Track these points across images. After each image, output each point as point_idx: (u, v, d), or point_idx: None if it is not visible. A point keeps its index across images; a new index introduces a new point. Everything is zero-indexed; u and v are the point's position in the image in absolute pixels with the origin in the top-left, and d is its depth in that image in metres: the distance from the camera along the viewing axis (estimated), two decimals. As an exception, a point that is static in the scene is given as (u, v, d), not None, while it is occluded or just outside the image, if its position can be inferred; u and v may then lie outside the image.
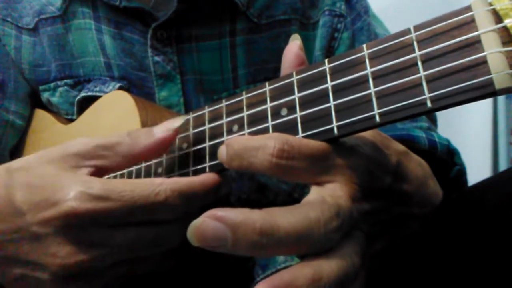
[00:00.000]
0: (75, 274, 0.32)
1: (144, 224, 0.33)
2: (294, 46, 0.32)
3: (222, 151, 0.29)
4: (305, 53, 0.59)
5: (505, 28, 0.21)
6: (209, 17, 0.56)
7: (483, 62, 0.21)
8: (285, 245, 0.23)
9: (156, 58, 0.56)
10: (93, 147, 0.34)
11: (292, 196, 0.58)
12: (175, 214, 0.34)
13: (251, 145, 0.27)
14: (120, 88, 0.57)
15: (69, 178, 0.32)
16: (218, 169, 0.34)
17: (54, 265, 0.32)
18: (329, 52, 0.60)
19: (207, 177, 0.34)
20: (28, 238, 0.32)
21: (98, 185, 0.31)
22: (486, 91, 0.21)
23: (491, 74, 0.21)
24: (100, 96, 0.56)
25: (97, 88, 0.58)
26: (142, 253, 0.34)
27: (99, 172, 0.34)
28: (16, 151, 0.65)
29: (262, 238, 0.22)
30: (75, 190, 0.31)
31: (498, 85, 0.21)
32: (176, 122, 0.35)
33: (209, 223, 0.22)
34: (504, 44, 0.21)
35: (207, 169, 0.34)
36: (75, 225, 0.31)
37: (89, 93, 0.58)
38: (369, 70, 0.26)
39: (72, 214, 0.30)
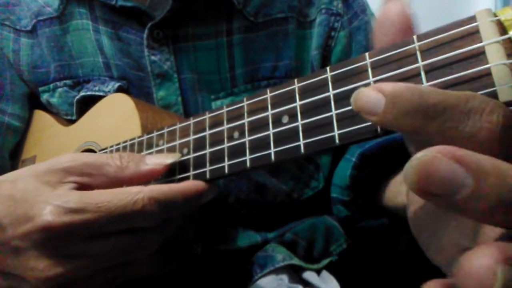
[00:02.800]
0: (57, 285, 0.32)
1: (123, 232, 0.33)
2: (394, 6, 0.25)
3: (374, 99, 0.21)
4: (302, 52, 0.59)
5: (509, 40, 0.21)
6: (205, 16, 0.56)
7: (487, 74, 0.21)
8: None
9: (153, 58, 0.55)
10: (81, 163, 0.34)
11: (291, 196, 0.58)
12: (154, 221, 0.34)
13: (453, 103, 0.19)
14: (119, 87, 0.57)
15: (47, 193, 0.32)
16: (218, 174, 0.34)
17: (34, 278, 0.32)
18: (326, 51, 0.59)
19: (188, 186, 0.34)
20: (10, 252, 0.32)
21: (75, 198, 0.31)
22: None
23: (495, 86, 0.21)
24: (99, 95, 0.56)
25: (96, 88, 0.58)
26: (123, 259, 0.35)
27: (82, 188, 0.34)
28: (16, 152, 0.65)
29: None
30: (51, 204, 0.31)
31: (502, 98, 0.21)
32: (169, 159, 0.35)
33: (442, 162, 0.16)
34: (509, 56, 0.21)
35: (207, 174, 0.34)
36: (52, 239, 0.31)
37: (88, 93, 0.58)
38: (371, 79, 0.25)
39: (47, 228, 0.31)
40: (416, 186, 0.17)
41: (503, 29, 0.21)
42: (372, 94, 0.21)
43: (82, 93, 0.59)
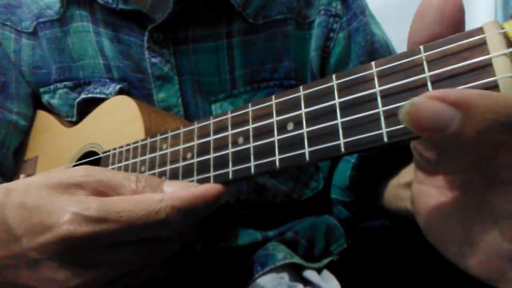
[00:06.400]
0: None
1: (143, 240, 0.32)
2: None
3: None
4: (301, 53, 0.59)
5: (516, 53, 0.21)
6: (205, 18, 0.56)
7: (494, 86, 0.21)
8: None
9: (153, 60, 0.55)
10: (95, 181, 0.32)
11: (291, 197, 0.58)
12: (176, 230, 0.33)
13: None
14: (120, 89, 0.57)
15: (64, 200, 0.30)
16: (222, 179, 0.34)
17: None
18: (325, 52, 0.59)
19: (209, 189, 0.33)
20: (26, 264, 0.31)
21: (94, 205, 0.30)
22: None
23: None
24: (100, 98, 0.56)
25: (97, 90, 0.58)
26: (141, 265, 0.34)
27: None
28: (19, 152, 0.65)
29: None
30: (71, 212, 0.29)
31: None
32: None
33: (428, 103, 0.19)
34: (515, 68, 0.21)
35: (211, 179, 0.34)
36: (72, 249, 0.30)
37: (89, 95, 0.58)
38: (377, 88, 0.26)
39: (68, 238, 0.29)
40: (410, 125, 0.19)
41: (510, 42, 0.22)
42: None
43: (83, 96, 0.59)
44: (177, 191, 0.33)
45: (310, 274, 0.54)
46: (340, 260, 0.58)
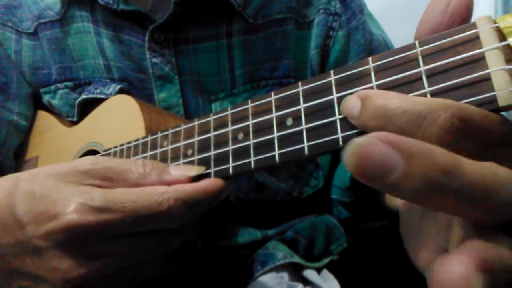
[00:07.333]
0: (79, 285, 0.31)
1: (146, 232, 0.33)
2: None
3: (353, 104, 0.24)
4: (301, 52, 0.60)
5: (509, 46, 0.22)
6: (205, 18, 0.56)
7: (487, 79, 0.22)
8: (465, 196, 0.18)
9: (154, 60, 0.56)
10: (103, 167, 0.33)
11: (291, 195, 0.59)
12: (178, 222, 0.33)
13: (412, 109, 0.21)
14: (121, 89, 0.57)
15: (70, 190, 0.31)
16: (223, 175, 0.34)
17: (56, 279, 0.31)
18: (325, 50, 0.60)
19: (210, 184, 0.33)
20: (30, 252, 0.31)
21: (99, 196, 0.30)
22: (490, 107, 0.22)
23: (494, 91, 0.21)
24: (101, 98, 0.56)
25: (98, 90, 0.58)
26: (144, 257, 0.34)
27: None
28: (20, 152, 0.65)
29: (443, 178, 0.17)
30: (76, 202, 0.30)
31: (501, 102, 0.21)
32: (193, 171, 0.34)
33: (377, 145, 0.17)
34: (508, 62, 0.21)
35: (212, 175, 0.35)
36: (76, 238, 0.30)
37: (90, 95, 0.58)
38: (374, 83, 0.26)
39: (73, 227, 0.30)
40: (355, 169, 0.17)
41: (502, 36, 0.22)
42: (352, 99, 0.25)
43: (83, 96, 0.59)
44: (180, 184, 0.33)
45: (310, 274, 0.54)
46: (340, 260, 0.58)
